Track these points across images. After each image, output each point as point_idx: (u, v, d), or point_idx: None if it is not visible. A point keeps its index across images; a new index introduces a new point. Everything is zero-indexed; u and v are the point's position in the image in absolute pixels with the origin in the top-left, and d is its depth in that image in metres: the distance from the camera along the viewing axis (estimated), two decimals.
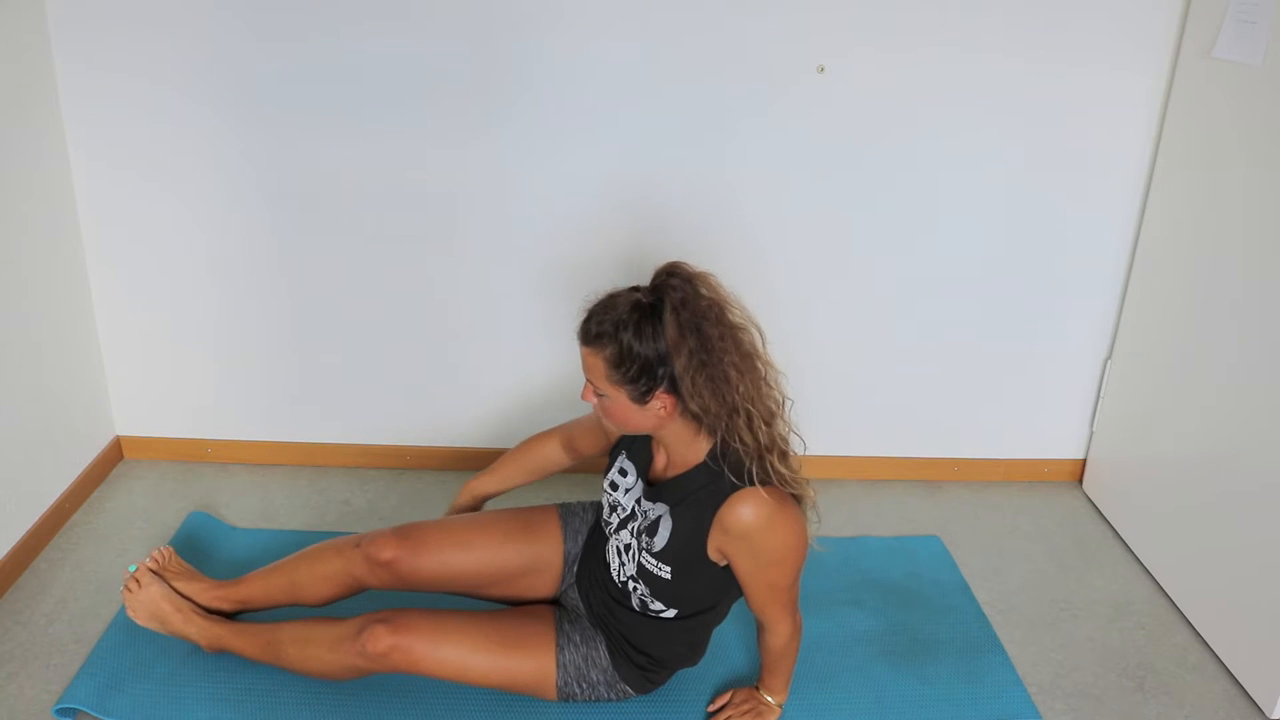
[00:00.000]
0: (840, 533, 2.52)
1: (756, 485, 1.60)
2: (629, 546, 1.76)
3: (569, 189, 2.43)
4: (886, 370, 2.67)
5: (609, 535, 1.82)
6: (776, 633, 1.76)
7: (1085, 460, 2.80)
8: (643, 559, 1.73)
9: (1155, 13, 2.36)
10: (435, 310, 2.55)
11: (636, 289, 1.62)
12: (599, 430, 1.94)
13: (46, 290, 2.32)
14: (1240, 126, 2.15)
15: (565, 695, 1.82)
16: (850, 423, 2.73)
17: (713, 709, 1.91)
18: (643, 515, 1.73)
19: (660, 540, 1.70)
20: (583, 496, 2.21)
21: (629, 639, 1.81)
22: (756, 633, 1.83)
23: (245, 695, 1.87)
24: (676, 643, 1.83)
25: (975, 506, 2.69)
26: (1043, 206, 2.52)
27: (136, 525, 2.40)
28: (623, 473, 1.81)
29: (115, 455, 2.65)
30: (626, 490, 1.79)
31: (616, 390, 1.60)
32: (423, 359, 2.61)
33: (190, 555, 2.18)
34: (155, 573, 1.96)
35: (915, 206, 2.50)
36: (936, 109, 2.40)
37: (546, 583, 1.92)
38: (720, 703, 1.91)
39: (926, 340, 2.64)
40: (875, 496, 2.71)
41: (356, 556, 1.88)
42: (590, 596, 1.87)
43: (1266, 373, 2.04)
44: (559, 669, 1.79)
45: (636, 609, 1.80)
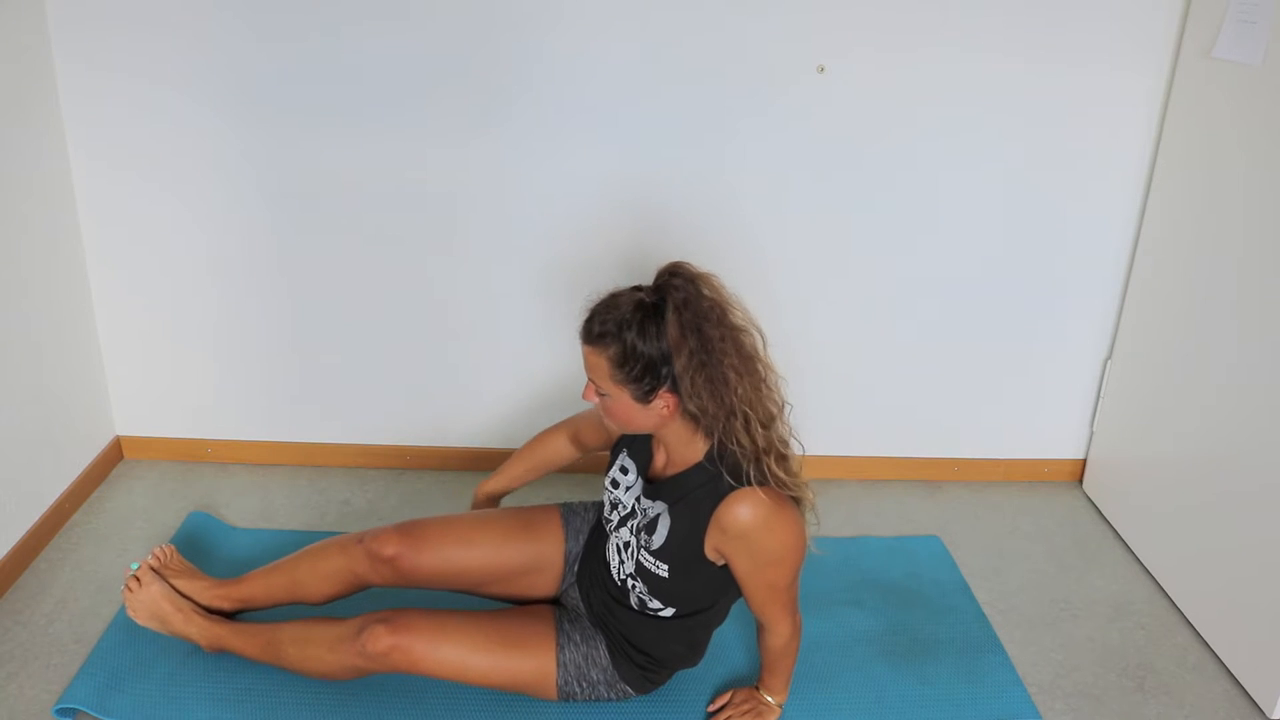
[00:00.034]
0: (840, 533, 2.52)
1: (754, 486, 1.61)
2: (628, 544, 1.76)
3: (569, 189, 2.43)
4: (886, 370, 2.67)
5: (609, 533, 1.82)
6: (776, 633, 1.77)
7: (1085, 460, 2.80)
8: (641, 557, 1.73)
9: (1155, 13, 2.36)
10: (435, 310, 2.55)
11: (639, 288, 1.62)
12: (604, 424, 1.94)
13: (46, 290, 2.32)
14: (1240, 126, 2.15)
15: (565, 695, 1.81)
16: (850, 423, 2.73)
17: (713, 709, 1.91)
18: (642, 513, 1.73)
19: (658, 538, 1.70)
20: (584, 496, 2.21)
21: (629, 638, 1.81)
22: (756, 633, 1.83)
23: (245, 695, 1.87)
24: (675, 642, 1.83)
25: (975, 506, 2.69)
26: (1043, 206, 2.52)
27: (136, 525, 2.40)
28: (624, 470, 1.81)
29: (115, 455, 2.65)
30: (627, 488, 1.79)
31: (619, 390, 1.60)
32: (423, 359, 2.61)
33: (190, 555, 2.18)
34: (156, 571, 1.96)
35: (915, 206, 2.50)
36: (936, 109, 2.40)
37: (547, 581, 1.92)
38: (720, 703, 1.91)
39: (926, 340, 2.64)
40: (875, 496, 2.71)
41: (359, 553, 1.88)
42: (590, 596, 1.87)
43: (1266, 373, 2.04)
44: (559, 668, 1.79)
45: (635, 607, 1.80)
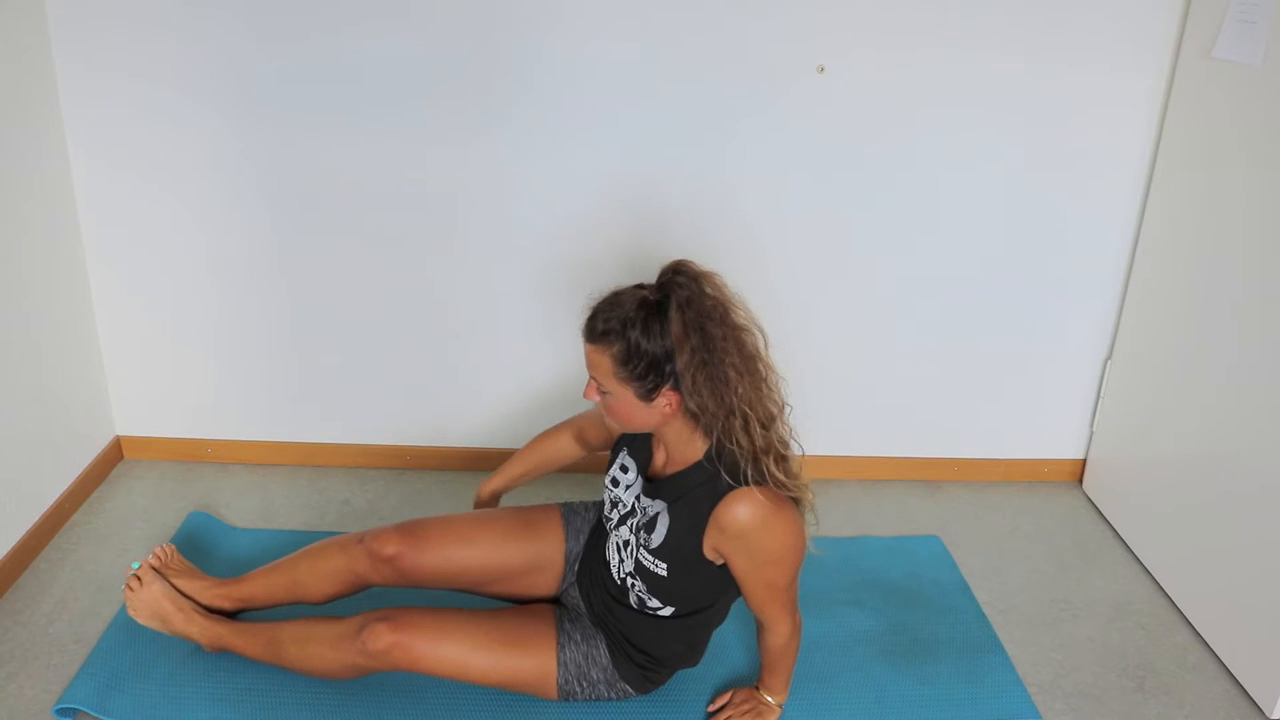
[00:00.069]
0: (840, 533, 2.52)
1: (752, 486, 1.60)
2: (628, 543, 1.76)
3: (569, 189, 2.43)
4: (886, 370, 2.67)
5: (609, 531, 1.82)
6: (776, 632, 1.77)
7: (1085, 460, 2.80)
8: (640, 555, 1.73)
9: (1155, 13, 2.36)
10: (435, 310, 2.55)
11: (642, 286, 1.62)
12: (606, 423, 1.94)
13: (46, 290, 2.32)
14: (1240, 126, 2.15)
15: (566, 694, 1.81)
16: (850, 423, 2.73)
17: (713, 709, 1.91)
18: (641, 511, 1.73)
19: (658, 537, 1.70)
20: (584, 496, 2.21)
21: (628, 638, 1.81)
22: (756, 632, 1.83)
23: (245, 695, 1.87)
24: (675, 641, 1.83)
25: (975, 506, 2.69)
26: (1043, 206, 2.52)
27: (136, 525, 2.40)
28: (624, 469, 1.81)
29: (115, 455, 2.65)
30: (627, 486, 1.79)
31: (622, 387, 1.60)
32: (423, 359, 2.60)
33: (190, 555, 2.18)
34: (157, 570, 1.96)
35: (915, 206, 2.50)
36: (936, 109, 2.40)
37: (548, 581, 1.92)
38: (720, 703, 1.91)
39: (926, 340, 2.64)
40: (875, 496, 2.71)
41: (359, 552, 1.88)
42: (591, 595, 1.87)
43: (1266, 373, 2.04)
44: (560, 667, 1.79)
45: (634, 607, 1.80)
